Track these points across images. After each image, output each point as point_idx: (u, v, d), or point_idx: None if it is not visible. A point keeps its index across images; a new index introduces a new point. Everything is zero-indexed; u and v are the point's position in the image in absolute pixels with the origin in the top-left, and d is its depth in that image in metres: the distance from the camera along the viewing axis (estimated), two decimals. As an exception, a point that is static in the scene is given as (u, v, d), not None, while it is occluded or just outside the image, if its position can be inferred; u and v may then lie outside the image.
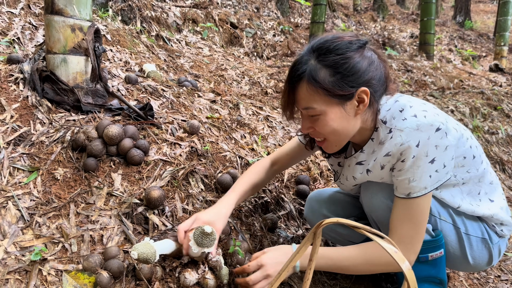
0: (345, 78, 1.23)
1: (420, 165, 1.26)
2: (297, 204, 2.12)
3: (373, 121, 1.36)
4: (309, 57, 1.27)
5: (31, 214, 1.63)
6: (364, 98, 1.25)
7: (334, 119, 1.28)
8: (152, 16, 4.88)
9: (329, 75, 1.23)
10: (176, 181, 1.88)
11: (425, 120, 1.25)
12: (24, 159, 1.84)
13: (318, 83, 1.23)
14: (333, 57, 1.22)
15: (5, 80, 2.20)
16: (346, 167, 1.54)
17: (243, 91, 4.29)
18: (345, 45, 1.23)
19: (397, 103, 1.34)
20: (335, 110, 1.26)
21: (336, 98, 1.24)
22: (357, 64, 1.23)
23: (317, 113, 1.28)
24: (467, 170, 1.42)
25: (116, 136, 1.85)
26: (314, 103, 1.26)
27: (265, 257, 1.38)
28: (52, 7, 2.06)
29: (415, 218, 1.31)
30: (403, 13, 13.99)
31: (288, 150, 1.76)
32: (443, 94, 5.21)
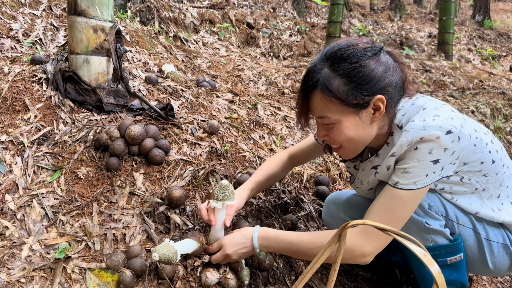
0: (360, 87, 1.20)
1: (421, 159, 1.21)
2: (316, 205, 2.11)
3: (389, 127, 1.33)
4: (322, 65, 1.24)
5: (55, 213, 1.66)
6: (380, 106, 1.23)
7: (349, 128, 1.26)
8: (170, 17, 4.92)
9: (343, 84, 1.21)
10: (196, 181, 1.88)
11: (433, 123, 1.21)
12: (47, 158, 1.87)
13: (332, 92, 1.21)
14: (347, 65, 1.20)
15: (29, 80, 2.24)
16: (361, 171, 1.52)
17: (260, 91, 4.29)
18: (359, 53, 1.21)
19: (412, 107, 1.31)
20: (350, 119, 1.25)
21: (351, 107, 1.22)
22: (372, 72, 1.20)
23: (331, 122, 1.26)
24: (484, 174, 1.38)
25: (138, 136, 1.87)
26: (328, 112, 1.25)
27: (226, 237, 1.47)
28: (75, 8, 2.09)
29: (392, 212, 1.27)
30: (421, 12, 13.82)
31: (304, 147, 1.77)
32: (463, 94, 5.12)
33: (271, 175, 1.72)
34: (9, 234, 1.55)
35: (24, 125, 1.98)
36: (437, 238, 1.38)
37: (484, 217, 1.42)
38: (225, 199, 1.42)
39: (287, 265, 1.70)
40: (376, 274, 1.87)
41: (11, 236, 1.55)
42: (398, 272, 1.90)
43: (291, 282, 1.64)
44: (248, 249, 1.42)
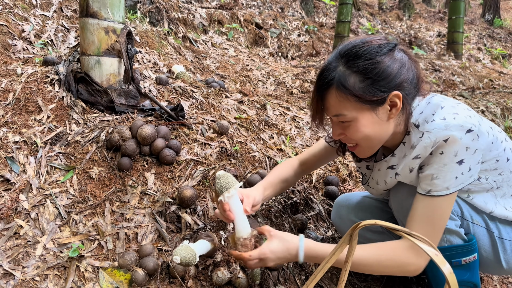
0: (376, 83, 1.20)
1: (447, 163, 1.21)
2: (326, 205, 2.12)
3: (405, 126, 1.33)
4: (337, 63, 1.24)
5: (68, 212, 1.68)
6: (396, 102, 1.22)
7: (366, 125, 1.25)
8: (179, 17, 4.94)
9: (359, 81, 1.20)
10: (207, 180, 1.90)
11: (455, 122, 1.21)
12: (60, 158, 1.90)
13: (348, 89, 1.20)
14: (363, 62, 1.20)
15: (41, 81, 2.27)
16: (376, 171, 1.52)
17: (269, 91, 4.29)
18: (374, 49, 1.21)
19: (429, 106, 1.30)
20: (366, 116, 1.24)
21: (367, 104, 1.22)
22: (387, 68, 1.20)
23: (348, 120, 1.25)
24: (499, 173, 1.38)
25: (149, 136, 1.88)
26: (344, 110, 1.24)
27: (268, 251, 1.31)
28: (86, 10, 2.11)
29: (433, 220, 1.26)
30: (430, 11, 13.72)
31: (315, 152, 1.75)
32: (473, 94, 5.08)
33: (283, 179, 1.67)
34: (24, 233, 1.58)
35: (37, 126, 2.01)
36: (452, 238, 1.38)
37: (498, 216, 1.42)
38: (229, 186, 1.33)
39: (297, 265, 1.71)
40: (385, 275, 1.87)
41: (25, 235, 1.57)
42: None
43: (301, 281, 1.65)
44: (290, 261, 1.35)
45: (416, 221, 1.28)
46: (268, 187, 1.62)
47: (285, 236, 1.34)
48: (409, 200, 1.42)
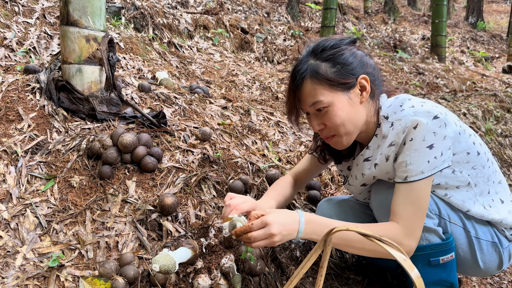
0: (345, 67, 1.33)
1: (417, 148, 1.29)
2: (308, 210, 2.14)
3: (375, 116, 1.43)
4: (307, 58, 1.38)
5: (48, 221, 1.68)
6: (365, 85, 1.35)
7: (342, 108, 1.34)
8: (164, 23, 4.95)
9: (330, 67, 1.33)
10: (188, 188, 1.91)
11: (422, 108, 1.31)
12: (41, 167, 1.90)
13: (321, 75, 1.32)
14: (329, 51, 1.34)
15: (22, 90, 2.26)
16: (355, 166, 1.57)
17: (254, 96, 4.32)
18: (337, 42, 1.37)
19: (397, 100, 1.42)
20: (341, 99, 1.34)
21: (340, 87, 1.33)
22: (352, 54, 1.35)
23: (325, 105, 1.34)
24: (472, 166, 1.43)
25: (131, 144, 1.89)
26: (320, 96, 1.33)
27: (270, 216, 1.27)
28: (67, 18, 2.11)
29: (415, 202, 1.31)
30: (414, 14, 13.91)
31: (304, 166, 1.82)
32: (455, 97, 5.17)
33: (287, 196, 1.72)
34: (3, 243, 1.57)
35: (17, 135, 2.00)
36: (431, 236, 1.42)
37: (475, 215, 1.46)
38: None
39: (278, 270, 1.73)
40: (367, 277, 1.90)
41: (4, 245, 1.57)
42: (389, 276, 1.92)
43: (282, 286, 1.66)
44: (292, 232, 1.28)
45: (399, 206, 1.33)
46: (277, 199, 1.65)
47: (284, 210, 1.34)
48: (388, 199, 1.46)
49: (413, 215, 1.30)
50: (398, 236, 1.29)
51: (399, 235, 1.29)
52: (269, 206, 1.57)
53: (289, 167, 2.39)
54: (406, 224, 1.30)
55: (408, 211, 1.31)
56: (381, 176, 1.46)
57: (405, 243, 1.30)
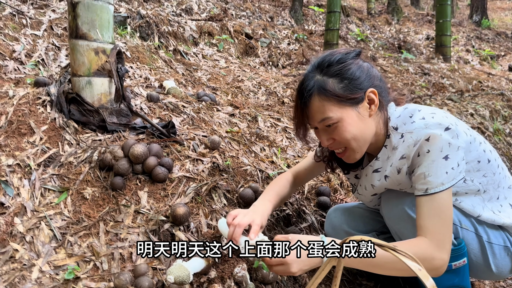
0: (353, 82, 1.32)
1: (434, 159, 1.28)
2: (318, 216, 2.15)
3: (384, 127, 1.42)
4: (313, 74, 1.36)
5: (63, 234, 1.70)
6: (373, 98, 1.34)
7: (351, 124, 1.33)
8: (169, 31, 4.99)
9: (337, 83, 1.31)
10: (199, 197, 1.93)
11: (433, 121, 1.30)
12: (54, 180, 1.92)
13: (329, 91, 1.30)
14: (336, 67, 1.33)
15: (33, 103, 2.30)
16: (364, 176, 1.57)
17: (260, 101, 4.34)
18: (343, 56, 1.35)
19: (406, 110, 1.42)
20: (350, 115, 1.33)
21: (348, 103, 1.32)
22: (358, 68, 1.34)
23: (334, 122, 1.33)
24: (483, 174, 1.43)
25: (141, 155, 1.91)
26: (329, 112, 1.32)
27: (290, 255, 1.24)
28: (76, 32, 2.14)
29: (440, 214, 1.29)
30: (418, 14, 13.87)
31: (306, 166, 1.81)
32: (461, 97, 5.15)
33: (283, 197, 1.71)
34: (19, 256, 1.59)
35: (30, 148, 2.03)
36: None
37: (486, 220, 1.46)
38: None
39: (291, 278, 1.74)
40: (379, 283, 1.90)
41: (21, 258, 1.59)
42: (402, 281, 1.93)
43: (295, 294, 1.68)
44: (313, 264, 1.28)
45: (425, 219, 1.30)
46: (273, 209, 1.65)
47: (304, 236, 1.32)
48: (399, 206, 1.46)
49: (440, 227, 1.28)
50: (429, 250, 1.27)
51: (430, 250, 1.27)
52: (265, 208, 1.56)
53: (298, 174, 2.40)
54: (435, 237, 1.27)
55: (435, 224, 1.28)
56: (392, 187, 1.46)
57: (438, 257, 1.27)
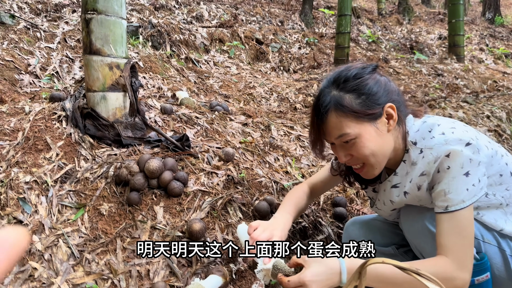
0: (370, 97, 1.29)
1: (455, 176, 1.24)
2: (335, 227, 2.13)
3: (403, 142, 1.39)
4: (329, 89, 1.33)
5: (80, 251, 1.71)
6: (391, 113, 1.31)
7: (370, 139, 1.30)
8: (181, 39, 5.01)
9: (354, 98, 1.29)
10: (215, 211, 1.92)
11: (454, 136, 1.27)
12: (71, 196, 1.94)
13: (346, 107, 1.28)
14: (353, 81, 1.30)
15: (49, 118, 2.32)
16: (382, 192, 1.54)
17: (272, 108, 4.33)
18: (360, 70, 1.32)
19: (425, 124, 1.38)
20: (368, 131, 1.30)
21: (366, 119, 1.29)
22: (376, 83, 1.31)
23: (351, 138, 1.30)
24: (506, 188, 1.39)
25: (157, 170, 1.92)
26: (347, 128, 1.29)
27: (308, 275, 1.23)
28: (90, 47, 2.16)
29: (461, 232, 1.25)
30: (430, 13, 13.72)
31: (322, 178, 1.79)
32: (477, 99, 5.07)
33: (300, 207, 1.70)
34: (38, 275, 1.61)
35: (46, 164, 2.05)
36: None
37: (509, 233, 1.42)
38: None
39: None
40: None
41: (39, 277, 1.60)
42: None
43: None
44: (333, 284, 1.25)
45: (445, 238, 1.27)
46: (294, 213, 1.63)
47: (321, 259, 1.28)
48: (419, 221, 1.44)
49: (461, 246, 1.24)
50: (450, 270, 1.23)
51: (451, 270, 1.23)
52: (286, 222, 1.56)
53: (313, 184, 2.39)
54: (456, 256, 1.24)
55: (455, 243, 1.25)
56: (412, 203, 1.43)
57: (459, 277, 1.23)
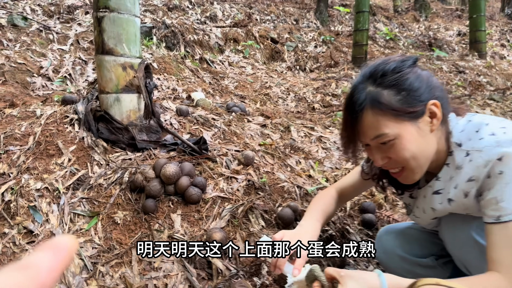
0: (411, 94, 1.14)
1: (508, 182, 1.09)
2: (364, 235, 1.98)
3: (446, 143, 1.23)
4: (364, 85, 1.18)
5: (94, 263, 1.61)
6: (435, 111, 1.15)
7: (411, 141, 1.15)
8: (195, 39, 4.91)
9: (394, 95, 1.14)
10: (236, 219, 1.80)
11: (506, 137, 1.12)
12: (83, 204, 1.83)
13: (385, 104, 1.13)
14: (392, 76, 1.15)
15: (61, 122, 2.23)
16: (421, 198, 1.39)
17: (290, 108, 4.19)
18: (399, 63, 1.17)
19: (470, 123, 1.22)
20: (409, 130, 1.15)
21: (407, 117, 1.14)
22: (418, 78, 1.15)
23: (390, 139, 1.15)
24: None
25: (174, 175, 1.80)
26: (385, 128, 1.15)
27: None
28: (102, 47, 2.06)
29: None
30: (447, 9, 13.43)
31: (352, 182, 1.63)
32: (503, 96, 4.86)
33: (329, 214, 1.56)
34: (50, 289, 1.50)
35: (58, 170, 1.95)
36: None
37: None
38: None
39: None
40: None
41: (51, 291, 1.49)
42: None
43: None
44: None
45: (498, 251, 1.13)
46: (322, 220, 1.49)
47: (359, 274, 1.16)
48: (464, 231, 1.29)
49: None
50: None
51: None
52: (315, 229, 1.42)
53: (338, 188, 2.24)
54: (510, 272, 1.10)
55: (509, 257, 1.11)
56: (458, 212, 1.28)
57: None
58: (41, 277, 0.29)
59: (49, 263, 0.30)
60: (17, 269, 0.28)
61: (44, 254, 0.31)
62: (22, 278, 0.28)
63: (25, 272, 0.28)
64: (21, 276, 0.28)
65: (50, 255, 0.31)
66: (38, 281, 0.29)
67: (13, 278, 0.28)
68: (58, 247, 0.32)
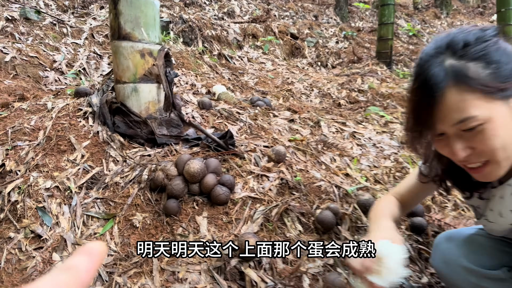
0: (503, 67, 0.91)
1: None
2: (413, 242, 1.74)
3: None
4: (441, 58, 0.94)
5: (109, 273, 1.40)
6: None
7: (503, 126, 0.93)
8: (213, 35, 4.72)
9: (482, 68, 0.91)
10: (270, 223, 1.57)
11: None
12: (98, 205, 1.63)
13: (474, 79, 0.90)
14: (478, 45, 0.92)
15: (73, 115, 2.04)
16: (497, 199, 1.14)
17: (314, 104, 3.96)
18: (481, 32, 0.94)
19: None
20: (502, 113, 0.92)
21: (499, 96, 0.91)
22: (505, 50, 0.92)
23: (480, 122, 0.91)
24: None
25: (199, 173, 1.59)
26: (473, 109, 0.91)
27: None
28: (119, 32, 1.86)
29: None
30: (468, 7, 13.06)
31: (409, 187, 1.38)
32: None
33: (396, 219, 1.31)
34: (59, 304, 1.30)
35: (70, 167, 1.76)
36: None
37: None
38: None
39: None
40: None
41: (61, 306, 1.29)
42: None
43: None
44: None
45: None
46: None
47: None
48: None
49: None
50: None
51: None
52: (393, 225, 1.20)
53: (380, 188, 2.00)
54: None
55: None
56: None
57: None
58: (82, 277, 0.32)
59: (86, 265, 0.33)
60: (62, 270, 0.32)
61: (81, 257, 0.34)
62: (67, 277, 0.32)
63: (69, 272, 0.32)
64: (66, 276, 0.32)
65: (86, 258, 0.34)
66: (79, 280, 0.32)
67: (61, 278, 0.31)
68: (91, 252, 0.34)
